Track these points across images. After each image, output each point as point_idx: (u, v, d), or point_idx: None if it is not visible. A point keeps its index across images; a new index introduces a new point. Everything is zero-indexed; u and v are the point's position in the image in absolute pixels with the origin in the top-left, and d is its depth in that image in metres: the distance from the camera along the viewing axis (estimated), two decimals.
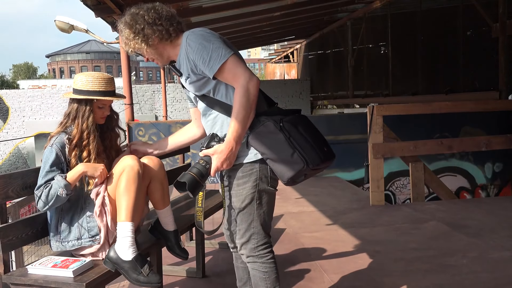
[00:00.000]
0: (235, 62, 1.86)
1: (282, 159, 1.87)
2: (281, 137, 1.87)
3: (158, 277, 2.11)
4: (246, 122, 1.87)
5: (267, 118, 1.91)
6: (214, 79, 1.90)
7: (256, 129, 1.90)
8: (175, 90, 20.02)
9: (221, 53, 1.84)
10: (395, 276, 3.00)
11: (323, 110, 19.23)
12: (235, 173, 1.98)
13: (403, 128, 5.85)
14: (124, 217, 2.13)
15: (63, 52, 64.77)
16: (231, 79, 1.88)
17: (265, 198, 2.01)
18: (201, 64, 1.87)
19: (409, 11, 12.07)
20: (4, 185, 2.07)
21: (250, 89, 1.85)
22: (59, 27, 9.55)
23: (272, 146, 1.88)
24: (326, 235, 3.95)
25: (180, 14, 8.01)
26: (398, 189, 7.41)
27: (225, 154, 1.88)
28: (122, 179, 2.15)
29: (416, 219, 4.38)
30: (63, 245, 2.20)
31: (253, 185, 1.96)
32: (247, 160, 1.95)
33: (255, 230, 2.01)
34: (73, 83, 2.30)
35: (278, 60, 27.55)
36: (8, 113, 19.70)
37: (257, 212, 2.00)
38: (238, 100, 1.85)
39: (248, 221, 2.01)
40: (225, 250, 3.60)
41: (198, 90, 1.98)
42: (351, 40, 14.31)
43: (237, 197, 1.99)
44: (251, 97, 1.85)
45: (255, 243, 2.02)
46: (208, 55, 1.85)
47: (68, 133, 2.24)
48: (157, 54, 2.02)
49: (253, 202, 1.98)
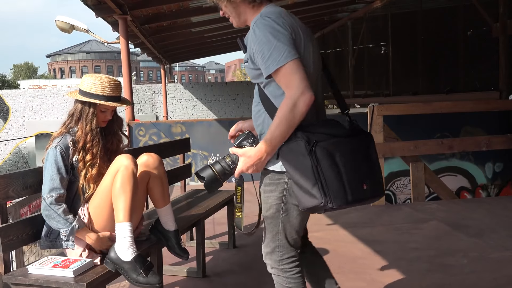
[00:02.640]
0: (294, 68, 1.66)
1: (301, 187, 1.70)
2: (308, 163, 1.67)
3: (158, 278, 2.10)
4: (284, 136, 1.70)
5: (302, 136, 1.69)
6: (268, 78, 1.73)
7: (289, 144, 1.71)
8: (175, 90, 20.01)
9: (282, 54, 1.66)
10: (396, 276, 3.00)
11: None
12: (263, 178, 1.86)
13: (404, 128, 5.84)
14: (122, 217, 2.12)
15: (64, 52, 64.82)
16: (284, 85, 1.69)
17: (294, 212, 1.82)
18: (260, 58, 1.71)
19: (409, 11, 12.07)
20: (4, 185, 2.07)
21: (299, 105, 1.64)
22: (59, 27, 9.57)
23: (297, 169, 1.70)
24: (327, 235, 3.95)
25: (180, 13, 7.98)
26: (398, 189, 7.39)
27: (252, 161, 1.75)
28: (117, 179, 2.14)
29: (416, 219, 4.38)
30: (52, 244, 2.23)
31: (280, 196, 1.81)
32: (275, 169, 1.80)
33: (280, 243, 1.87)
34: (80, 83, 2.30)
35: None
36: (8, 113, 19.71)
37: (282, 225, 1.84)
38: (283, 112, 1.67)
39: (273, 232, 1.87)
40: (225, 250, 3.60)
41: (252, 78, 1.82)
42: (352, 40, 14.29)
43: (264, 204, 1.87)
44: (297, 113, 1.65)
45: (280, 255, 1.88)
46: (268, 52, 1.67)
47: (72, 134, 2.24)
48: (235, 13, 1.86)
49: (278, 213, 1.83)
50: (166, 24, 9.95)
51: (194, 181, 7.07)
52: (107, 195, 2.17)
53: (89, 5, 6.53)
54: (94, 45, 61.99)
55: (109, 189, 2.17)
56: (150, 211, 2.97)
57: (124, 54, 7.24)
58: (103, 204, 2.19)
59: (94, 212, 2.20)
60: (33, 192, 2.27)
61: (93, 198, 2.21)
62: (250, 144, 1.80)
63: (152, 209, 2.75)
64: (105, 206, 2.19)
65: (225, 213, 3.68)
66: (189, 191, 3.77)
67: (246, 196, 1.96)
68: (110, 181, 2.17)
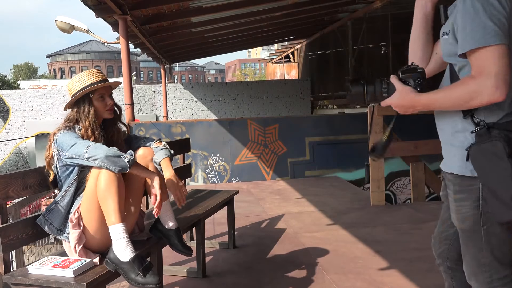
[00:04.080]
0: (496, 55, 1.38)
1: (497, 196, 1.42)
2: (508, 167, 1.39)
3: (157, 278, 2.09)
4: (444, 108, 1.52)
5: (500, 134, 1.42)
6: (461, 57, 1.48)
7: (482, 144, 1.45)
8: (175, 90, 20.01)
9: (487, 35, 1.38)
10: (396, 276, 3.00)
11: (324, 110, 19.21)
12: (450, 184, 1.60)
13: (404, 128, 5.85)
14: (113, 219, 2.10)
15: (64, 52, 64.83)
16: (476, 69, 1.41)
17: (497, 223, 1.51)
18: (459, 31, 1.47)
19: (409, 11, 11.95)
20: (4, 185, 2.07)
21: (483, 98, 1.39)
22: (59, 27, 9.57)
23: (492, 175, 1.43)
24: (327, 235, 3.95)
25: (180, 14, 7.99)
26: (398, 189, 7.40)
27: (404, 104, 1.55)
28: (100, 182, 2.11)
29: (416, 219, 4.38)
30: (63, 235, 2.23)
31: (475, 205, 1.51)
32: (464, 174, 1.53)
33: (485, 261, 1.55)
34: (68, 90, 2.33)
35: (279, 60, 27.53)
36: (8, 113, 19.70)
37: (486, 239, 1.52)
38: (460, 91, 1.43)
39: (474, 248, 1.56)
40: (225, 250, 3.60)
41: (447, 54, 1.58)
42: (352, 40, 14.29)
43: (456, 214, 1.59)
44: (474, 103, 1.42)
45: (488, 276, 1.55)
46: (471, 26, 1.42)
47: (76, 130, 2.25)
48: None
49: (478, 225, 1.53)
50: (166, 24, 9.95)
51: (194, 181, 7.07)
52: (93, 197, 2.14)
53: (89, 5, 6.54)
54: (94, 45, 62.01)
55: (94, 192, 2.14)
56: (149, 211, 2.97)
57: (124, 54, 7.25)
58: (91, 207, 2.17)
59: (86, 216, 2.19)
60: (33, 192, 2.27)
61: (83, 202, 2.20)
62: (415, 85, 1.56)
63: (152, 209, 2.75)
64: (94, 208, 2.16)
65: (225, 213, 3.68)
66: (189, 191, 3.77)
67: (245, 196, 1.95)
68: (94, 183, 2.13)
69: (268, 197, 5.63)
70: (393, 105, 1.59)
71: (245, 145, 7.07)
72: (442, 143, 1.66)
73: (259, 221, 4.53)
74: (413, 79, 1.56)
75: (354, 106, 15.51)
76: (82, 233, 2.18)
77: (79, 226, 2.18)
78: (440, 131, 1.65)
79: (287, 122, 7.38)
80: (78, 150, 2.12)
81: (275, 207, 5.07)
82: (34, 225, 2.22)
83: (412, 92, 1.53)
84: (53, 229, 2.21)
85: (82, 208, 2.19)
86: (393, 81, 1.57)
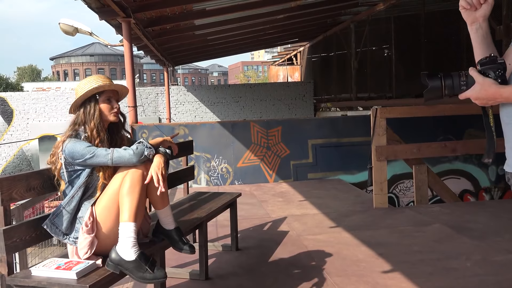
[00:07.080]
0: None
1: None
2: None
3: (164, 272, 2.14)
4: None
5: None
6: None
7: None
8: (178, 93, 20.04)
9: None
10: (399, 279, 2.99)
11: (327, 112, 19.21)
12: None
13: (407, 130, 5.84)
14: (127, 217, 2.13)
15: (67, 55, 65.05)
16: None
17: None
18: None
19: (412, 14, 12.06)
20: (8, 187, 2.08)
21: None
22: (63, 30, 9.62)
23: None
24: (330, 238, 3.95)
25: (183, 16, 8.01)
26: (401, 191, 7.39)
27: (486, 96, 1.51)
28: (126, 181, 2.16)
29: (419, 221, 4.37)
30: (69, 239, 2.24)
31: None
32: None
33: None
34: (75, 93, 2.34)
35: (282, 63, 27.57)
36: (12, 115, 19.76)
37: None
38: None
39: None
40: (228, 252, 3.60)
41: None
42: (355, 42, 14.29)
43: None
44: None
45: None
46: None
47: (81, 134, 2.26)
48: None
49: None
50: (169, 27, 9.97)
51: (197, 183, 7.08)
52: (115, 196, 2.18)
53: (93, 8, 6.56)
54: (98, 47, 62.15)
55: (117, 191, 2.18)
56: (150, 214, 2.97)
57: (127, 56, 7.27)
58: (111, 205, 2.19)
59: (101, 213, 2.20)
60: (36, 194, 2.28)
61: (100, 200, 2.21)
62: (495, 76, 1.52)
63: (152, 212, 2.75)
64: (113, 207, 2.19)
65: (227, 216, 3.68)
66: (192, 194, 3.77)
67: (248, 198, 1.95)
68: (119, 183, 2.18)
69: (271, 199, 5.63)
70: (473, 98, 1.55)
71: (248, 148, 7.07)
72: (508, 142, 1.63)
73: (262, 223, 4.53)
74: (493, 70, 1.52)
75: (357, 108, 15.51)
76: (95, 237, 2.19)
77: (92, 230, 2.18)
78: (505, 126, 1.61)
79: (290, 124, 7.38)
80: (100, 160, 2.19)
81: (278, 210, 5.06)
82: (38, 227, 2.23)
83: (494, 84, 1.49)
84: (58, 233, 2.22)
85: (99, 206, 2.20)
86: (472, 74, 1.53)
